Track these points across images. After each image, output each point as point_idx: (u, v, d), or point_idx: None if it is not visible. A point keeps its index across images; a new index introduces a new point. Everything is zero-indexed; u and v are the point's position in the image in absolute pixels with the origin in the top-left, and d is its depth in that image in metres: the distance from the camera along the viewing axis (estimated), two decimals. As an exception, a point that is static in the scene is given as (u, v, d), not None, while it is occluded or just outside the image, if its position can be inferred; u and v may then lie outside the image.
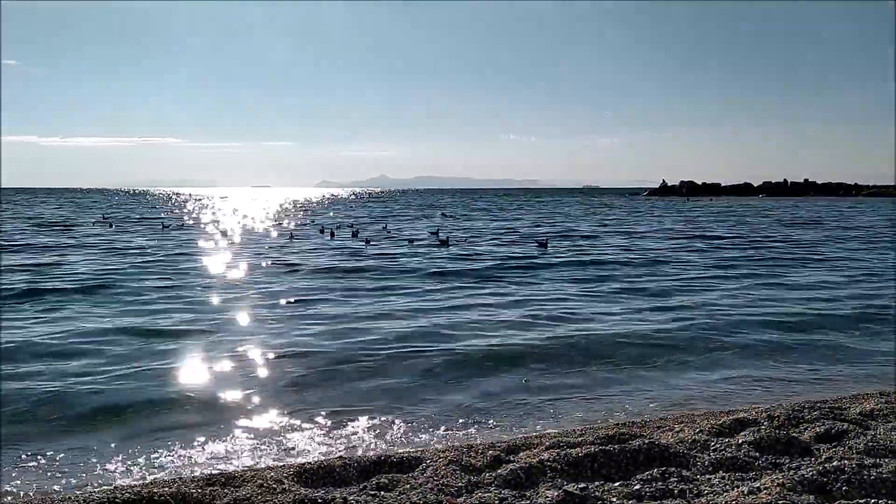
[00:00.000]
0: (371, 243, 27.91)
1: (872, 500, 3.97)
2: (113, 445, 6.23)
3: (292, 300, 13.87)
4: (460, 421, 6.94)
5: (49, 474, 5.62)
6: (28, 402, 7.37)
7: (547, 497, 4.16)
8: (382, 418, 7.00)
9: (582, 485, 4.32)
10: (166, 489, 4.54)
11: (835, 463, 4.51)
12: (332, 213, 59.83)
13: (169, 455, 6.04)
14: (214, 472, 5.33)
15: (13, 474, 5.58)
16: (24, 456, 5.95)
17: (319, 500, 4.25)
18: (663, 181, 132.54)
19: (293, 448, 6.26)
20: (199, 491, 4.56)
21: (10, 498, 5.05)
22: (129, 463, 5.87)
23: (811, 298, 14.16)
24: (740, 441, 5.25)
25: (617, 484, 4.36)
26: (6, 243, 27.19)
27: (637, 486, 4.26)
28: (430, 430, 6.72)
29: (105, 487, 4.95)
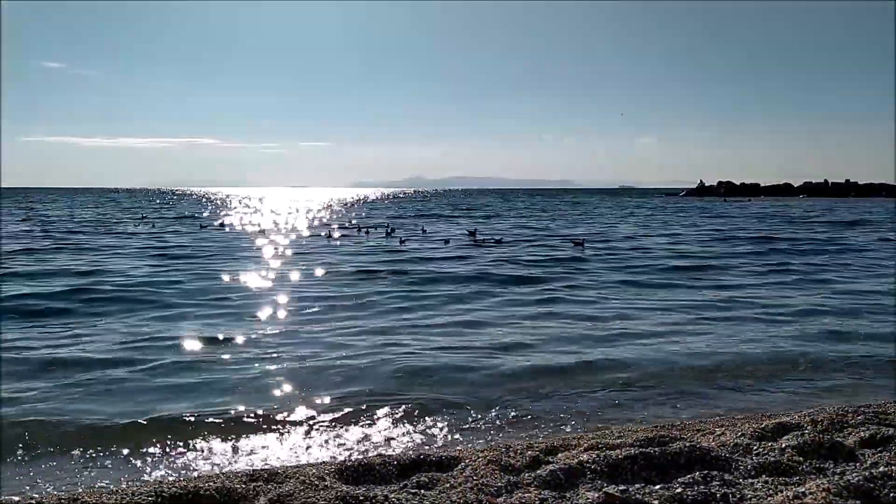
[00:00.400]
0: (406, 242, 28.07)
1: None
2: (156, 440, 6.38)
3: (348, 303, 13.78)
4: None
5: (95, 471, 5.78)
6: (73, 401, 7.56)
7: (587, 498, 4.16)
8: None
9: (622, 487, 4.31)
10: (211, 484, 4.64)
11: (881, 469, 4.43)
12: (365, 214, 60.19)
13: (211, 451, 6.18)
14: (257, 468, 5.43)
15: (57, 473, 5.76)
16: (76, 453, 6.13)
17: (361, 498, 4.30)
18: (701, 181, 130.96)
19: (333, 445, 6.34)
20: (244, 487, 4.66)
21: (62, 493, 5.19)
22: (173, 459, 6.01)
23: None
24: (783, 445, 5.18)
25: (658, 487, 4.34)
26: (55, 245, 27.83)
27: (678, 490, 4.24)
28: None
29: (152, 482, 5.07)
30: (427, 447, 6.24)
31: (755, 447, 5.20)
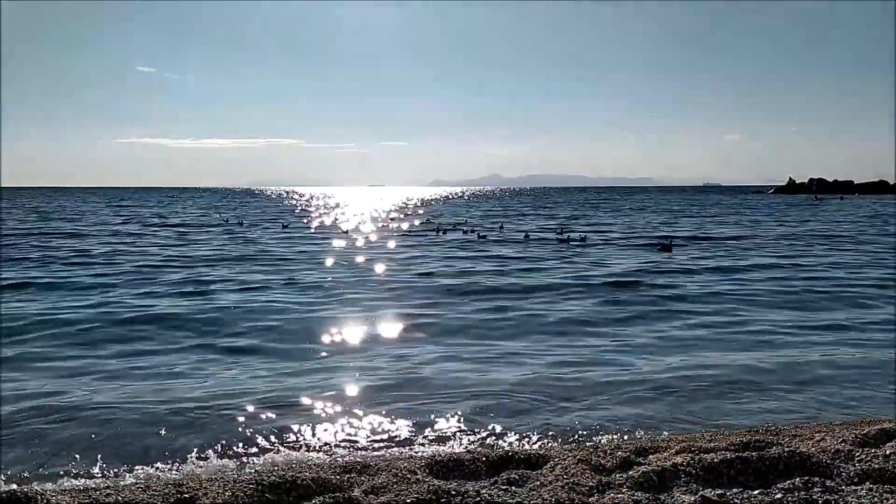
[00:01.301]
0: (487, 240, 28.15)
1: None
2: (260, 429, 6.63)
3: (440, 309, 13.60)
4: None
5: (207, 459, 6.06)
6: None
7: (683, 501, 4.10)
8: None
9: (719, 491, 4.23)
10: (307, 474, 4.79)
11: None
12: (444, 212, 60.45)
13: (305, 442, 6.38)
14: (350, 460, 5.58)
15: (158, 464, 6.06)
16: (180, 442, 6.43)
17: (453, 492, 4.36)
18: (790, 179, 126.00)
19: (423, 440, 6.44)
20: (338, 478, 4.80)
21: (160, 480, 5.45)
22: (271, 449, 6.24)
23: None
24: (888, 452, 4.97)
25: (756, 492, 4.24)
26: (160, 243, 29.07)
27: (778, 496, 4.12)
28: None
29: (252, 471, 5.28)
30: (515, 444, 6.26)
31: (857, 454, 5.01)
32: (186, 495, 4.59)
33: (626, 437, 6.40)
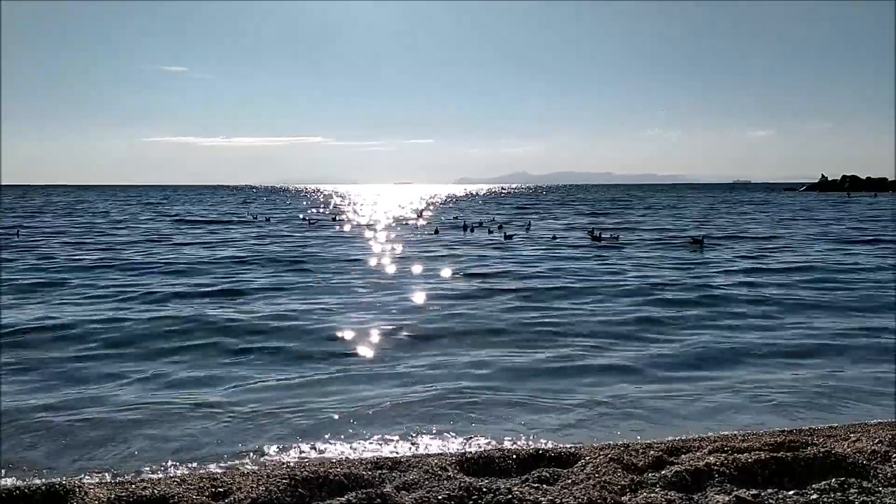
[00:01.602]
0: (514, 239, 28.09)
1: None
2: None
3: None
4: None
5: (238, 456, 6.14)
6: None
7: (717, 501, 4.07)
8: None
9: (754, 491, 4.19)
10: (339, 469, 4.83)
11: None
12: (469, 210, 60.31)
13: (334, 439, 6.43)
14: (381, 456, 5.61)
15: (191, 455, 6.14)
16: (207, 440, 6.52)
17: (484, 489, 4.36)
18: (823, 176, 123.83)
19: (452, 437, 6.46)
20: (369, 473, 4.83)
21: (202, 471, 5.53)
22: (302, 445, 6.30)
23: None
24: (926, 454, 4.89)
25: (791, 492, 4.19)
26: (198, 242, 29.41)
27: (814, 496, 4.08)
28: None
29: (285, 466, 5.33)
30: (544, 442, 6.25)
31: (894, 454, 4.93)
32: (221, 489, 4.66)
33: (656, 437, 6.36)
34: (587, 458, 5.05)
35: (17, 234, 30.56)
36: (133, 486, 4.71)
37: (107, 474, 5.62)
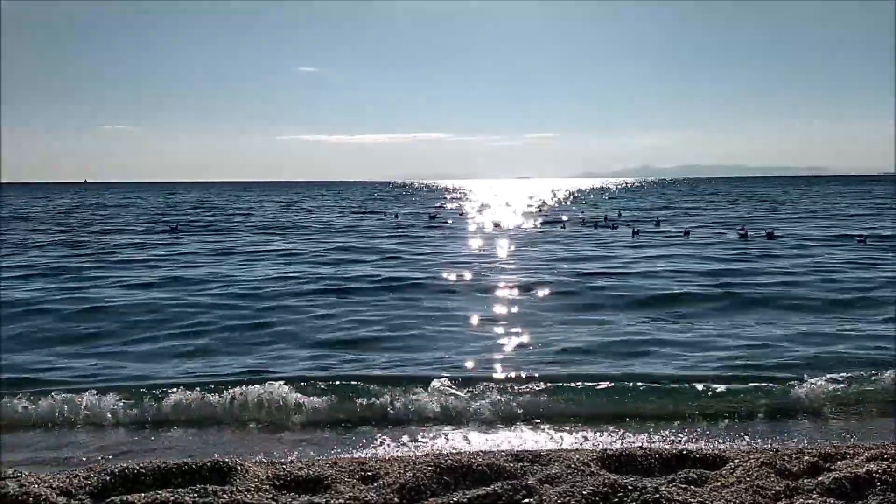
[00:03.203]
0: (641, 235, 27.47)
1: None
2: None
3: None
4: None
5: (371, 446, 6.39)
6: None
7: (882, 511, 3.86)
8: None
9: (922, 502, 3.95)
10: (482, 460, 4.93)
11: None
12: (591, 205, 59.00)
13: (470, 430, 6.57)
14: (521, 448, 5.68)
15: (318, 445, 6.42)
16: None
17: (630, 487, 4.33)
18: None
19: (589, 434, 6.45)
20: (511, 465, 4.90)
21: (345, 458, 5.79)
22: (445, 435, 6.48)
23: None
24: None
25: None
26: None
27: None
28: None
29: (430, 454, 5.50)
30: (688, 443, 6.12)
31: None
32: (369, 473, 4.87)
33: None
34: (736, 461, 4.90)
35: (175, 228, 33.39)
36: (290, 465, 5.01)
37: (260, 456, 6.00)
